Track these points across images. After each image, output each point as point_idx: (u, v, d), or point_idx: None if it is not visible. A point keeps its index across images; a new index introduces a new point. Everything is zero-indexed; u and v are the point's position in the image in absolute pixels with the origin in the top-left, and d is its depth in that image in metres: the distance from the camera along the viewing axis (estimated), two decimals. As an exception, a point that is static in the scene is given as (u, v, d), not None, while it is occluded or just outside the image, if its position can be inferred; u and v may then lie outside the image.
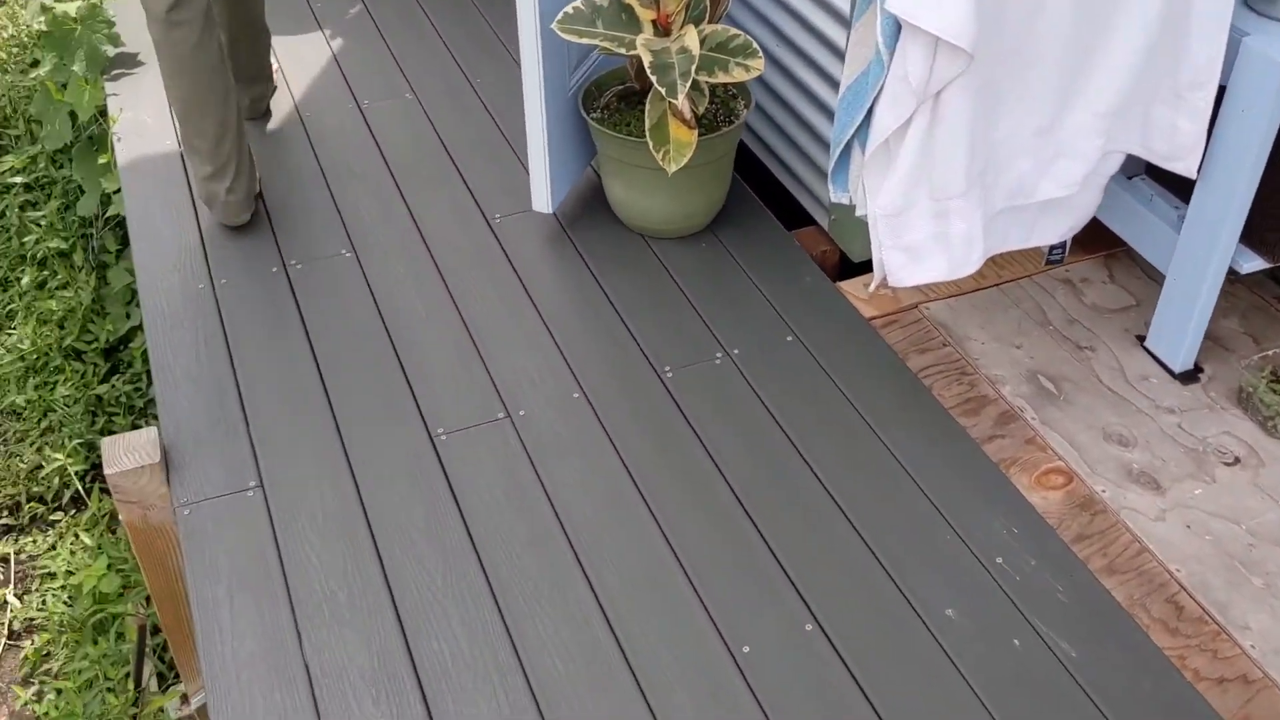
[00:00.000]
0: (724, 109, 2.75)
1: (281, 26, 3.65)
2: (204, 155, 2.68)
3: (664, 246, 2.78)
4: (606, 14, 2.47)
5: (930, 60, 1.99)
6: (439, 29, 3.65)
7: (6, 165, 3.80)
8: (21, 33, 4.40)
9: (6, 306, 3.69)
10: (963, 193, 2.17)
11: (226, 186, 2.72)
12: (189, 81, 2.59)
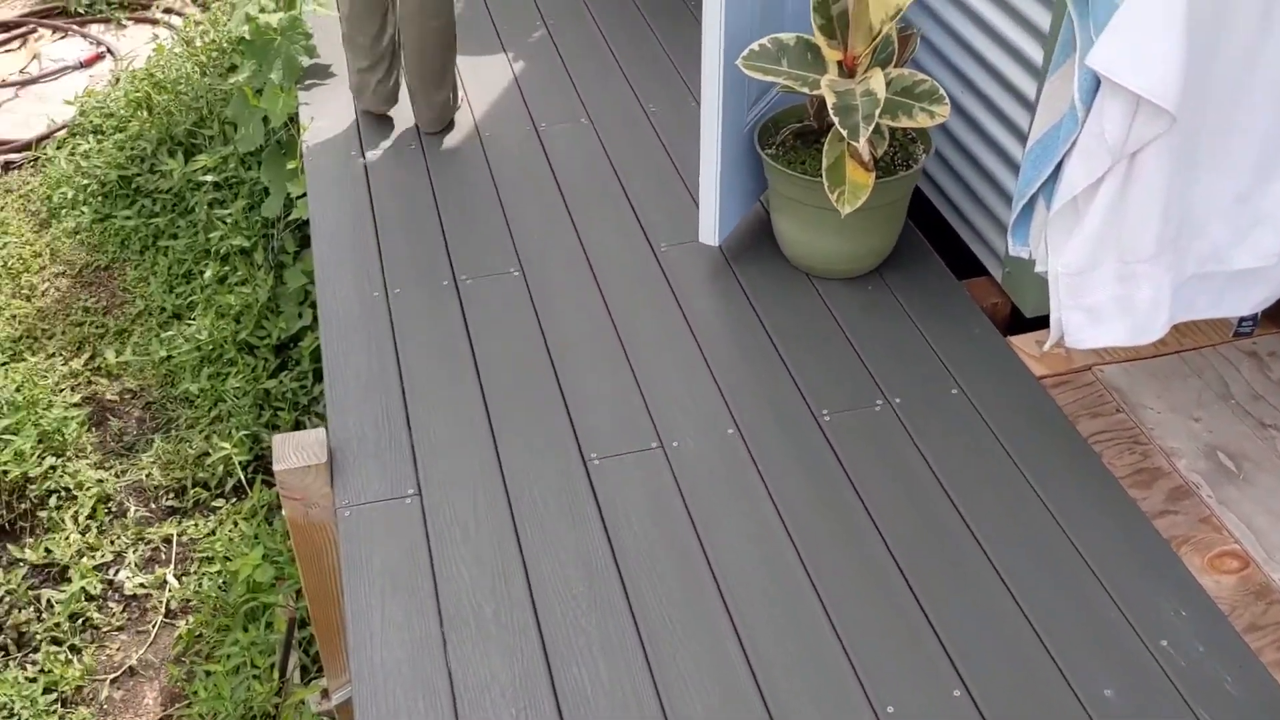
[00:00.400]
0: (902, 152, 2.72)
1: (468, 48, 3.75)
2: (362, 51, 3.19)
3: (829, 286, 2.76)
4: (792, 53, 2.47)
5: (1130, 119, 1.93)
6: (618, 57, 3.71)
7: (199, 164, 4.00)
8: (222, 38, 4.65)
9: (189, 298, 3.87)
10: (1152, 257, 2.09)
11: (378, 79, 3.23)
12: None
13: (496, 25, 3.90)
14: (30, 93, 4.81)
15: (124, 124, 4.41)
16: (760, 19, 2.65)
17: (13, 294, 3.97)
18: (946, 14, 2.80)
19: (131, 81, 4.57)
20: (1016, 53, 2.54)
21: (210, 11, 5.00)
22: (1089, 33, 1.97)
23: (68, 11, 5.18)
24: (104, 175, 4.21)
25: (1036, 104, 2.42)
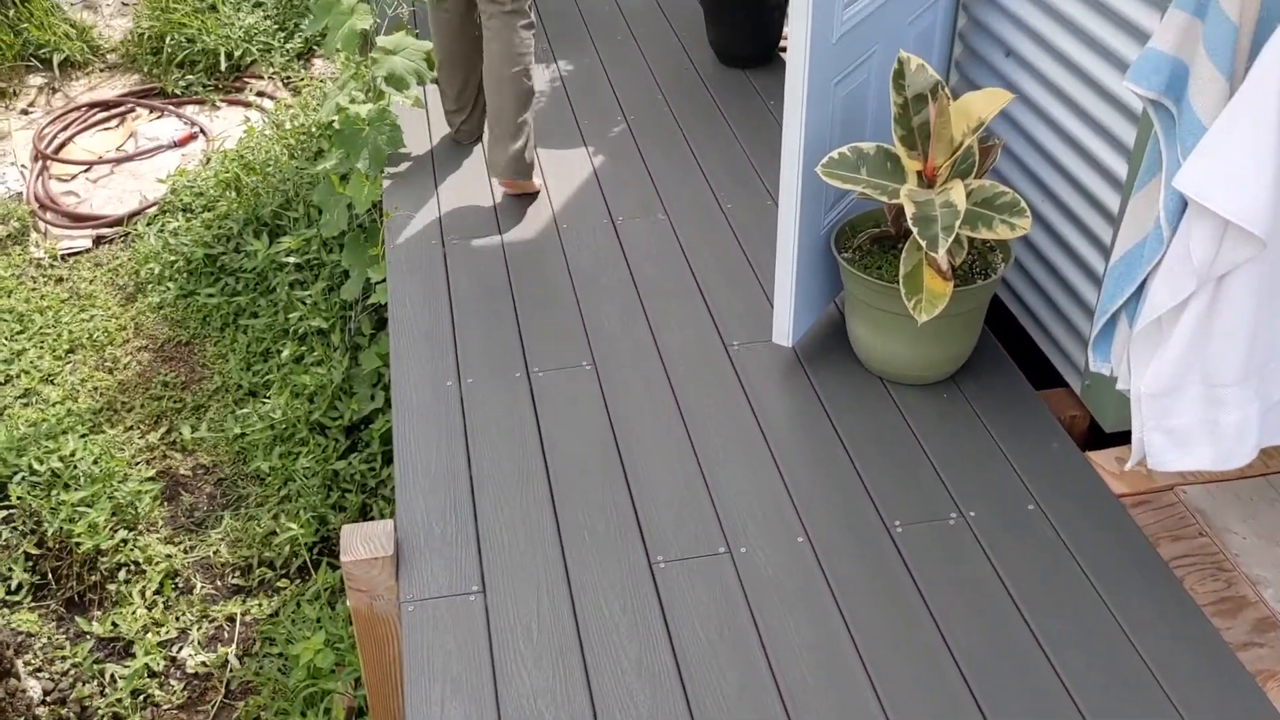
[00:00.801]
0: (981, 260, 2.70)
1: (550, 140, 3.83)
2: (448, 96, 3.74)
3: (903, 392, 2.74)
4: (872, 161, 2.48)
5: (1217, 243, 1.91)
6: (696, 153, 3.75)
7: (283, 245, 4.10)
8: (310, 122, 4.79)
9: (265, 376, 3.95)
10: (1239, 381, 2.05)
11: (462, 120, 3.76)
12: (444, 45, 3.61)
13: (578, 118, 3.98)
14: (125, 170, 4.99)
15: (213, 203, 4.55)
16: (840, 126, 2.67)
17: (96, 366, 4.08)
18: (1028, 124, 2.80)
19: (222, 162, 4.72)
20: (1100, 166, 2.53)
21: (300, 96, 5.17)
22: (1175, 154, 1.96)
23: (165, 92, 5.39)
24: (190, 253, 4.34)
25: (1119, 218, 2.41)
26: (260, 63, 5.49)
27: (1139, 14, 2.32)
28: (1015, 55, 2.83)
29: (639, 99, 4.09)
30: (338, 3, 3.59)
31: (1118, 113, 2.44)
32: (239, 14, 5.58)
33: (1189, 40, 1.90)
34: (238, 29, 5.49)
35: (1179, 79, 1.93)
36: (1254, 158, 1.82)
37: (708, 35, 4.33)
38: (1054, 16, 2.64)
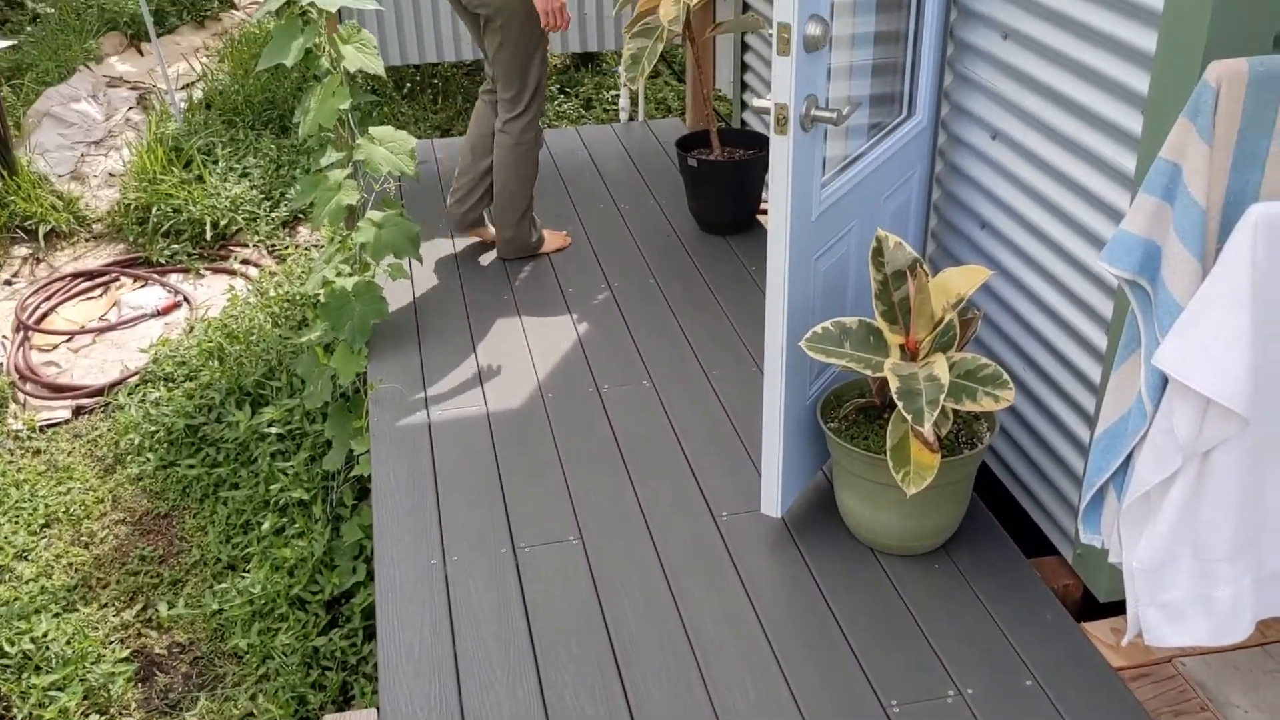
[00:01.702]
0: (966, 430, 2.74)
1: (534, 309, 3.90)
2: (456, 178, 4.19)
3: (895, 564, 2.74)
4: (855, 335, 2.54)
5: (1200, 419, 1.95)
6: (680, 320, 3.82)
7: (265, 416, 4.12)
8: (294, 290, 4.86)
9: (245, 549, 3.92)
10: (1230, 556, 2.07)
11: (453, 201, 4.18)
12: (470, 131, 4.16)
13: (562, 286, 4.06)
14: (108, 339, 5.03)
15: (195, 373, 4.58)
16: (822, 300, 2.74)
17: (72, 540, 4.04)
18: (1007, 294, 2.88)
19: (205, 331, 4.78)
20: (1079, 336, 2.59)
21: (285, 263, 5.26)
22: (1154, 331, 2.02)
23: (150, 261, 5.47)
24: (171, 423, 4.34)
25: (1101, 388, 2.46)
26: (246, 231, 5.60)
27: (1109, 192, 2.42)
28: (990, 227, 2.93)
29: (623, 266, 4.19)
30: (324, 178, 3.69)
31: (1094, 285, 2.51)
32: (225, 184, 5.72)
33: (1160, 223, 1.98)
34: (224, 199, 5.62)
35: (1152, 260, 2.00)
36: (1230, 338, 1.87)
37: (689, 204, 4.46)
38: (1026, 191, 2.74)
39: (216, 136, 6.10)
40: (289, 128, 6.32)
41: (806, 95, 2.39)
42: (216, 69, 7.09)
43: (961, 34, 2.95)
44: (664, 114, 6.49)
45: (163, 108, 6.48)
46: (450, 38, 5.07)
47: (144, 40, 7.63)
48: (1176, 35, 2.08)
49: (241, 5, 8.37)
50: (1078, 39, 2.46)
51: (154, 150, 5.86)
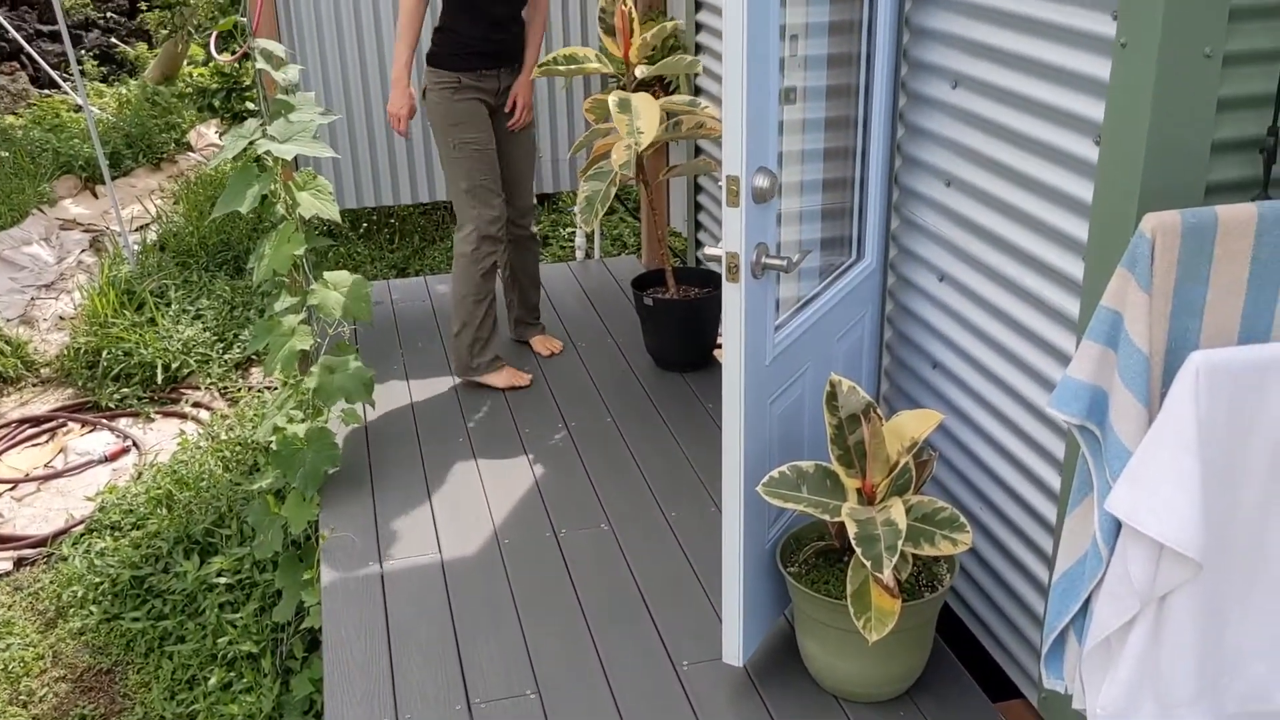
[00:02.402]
0: (927, 573, 2.75)
1: (490, 450, 3.90)
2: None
3: (860, 712, 2.71)
4: (811, 479, 2.56)
5: (1154, 564, 1.97)
6: (637, 459, 3.84)
7: (214, 566, 4.06)
8: (246, 434, 4.84)
9: (190, 706, 3.81)
10: (1192, 700, 2.07)
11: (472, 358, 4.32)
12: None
13: (519, 427, 4.07)
14: (53, 487, 4.96)
15: (142, 521, 4.51)
16: (779, 443, 2.76)
17: (10, 700, 3.92)
18: (962, 434, 2.92)
19: (154, 477, 4.72)
20: (1034, 477, 2.62)
21: (237, 407, 5.24)
22: (1105, 476, 2.05)
23: (99, 406, 5.43)
24: (116, 574, 4.26)
25: (1058, 529, 2.49)
26: (198, 373, 5.58)
27: (1055, 335, 2.48)
28: (941, 367, 2.98)
29: (580, 405, 4.21)
30: (278, 324, 3.71)
31: (1046, 426, 2.56)
32: (178, 326, 5.72)
33: (1105, 369, 2.03)
34: (176, 341, 5.62)
35: (1099, 405, 2.05)
36: (1180, 483, 1.91)
37: (645, 342, 4.51)
38: (975, 332, 2.80)
39: (170, 278, 6.13)
40: (244, 268, 6.36)
41: (757, 244, 2.46)
42: (171, 211, 7.16)
43: (906, 180, 3.05)
44: (620, 250, 6.60)
45: (116, 250, 6.51)
46: (406, 180, 5.16)
47: (98, 183, 7.71)
48: (1112, 187, 2.17)
49: (198, 147, 8.50)
50: (1018, 187, 2.56)
51: (106, 293, 5.87)
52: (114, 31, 10.72)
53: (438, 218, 7.05)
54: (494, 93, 4.21)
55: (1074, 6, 2.29)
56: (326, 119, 3.80)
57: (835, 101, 3.06)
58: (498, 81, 4.20)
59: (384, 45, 4.88)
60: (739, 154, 2.35)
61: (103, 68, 10.11)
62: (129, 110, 8.75)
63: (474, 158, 4.14)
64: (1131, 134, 2.09)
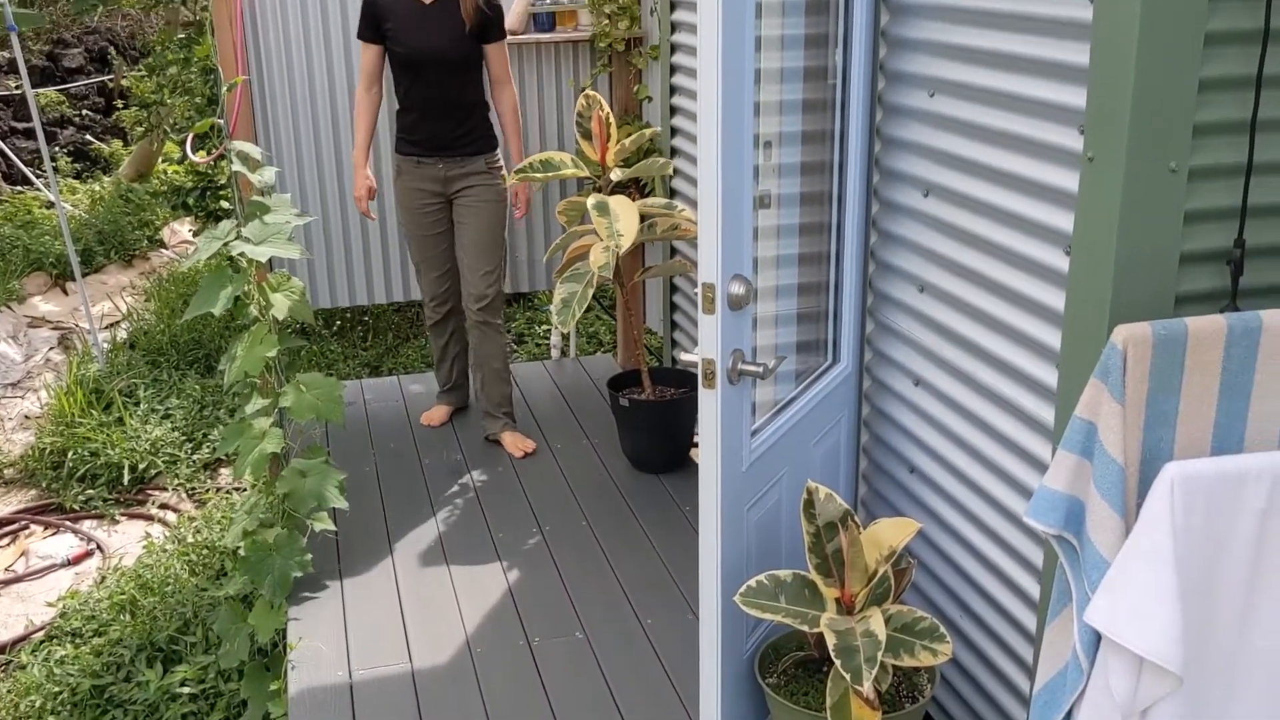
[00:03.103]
0: (907, 682, 2.73)
1: (462, 555, 3.88)
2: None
3: (840, 828, 2.67)
4: (789, 589, 2.56)
5: (1135, 677, 1.97)
6: (613, 564, 3.82)
7: (178, 676, 3.98)
8: (214, 537, 4.79)
9: (149, 823, 3.71)
10: (1179, 816, 2.05)
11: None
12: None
13: (492, 531, 4.05)
14: (13, 591, 4.88)
15: (104, 628, 4.43)
16: (756, 551, 2.76)
17: (-41, 818, 3.81)
18: (940, 541, 2.93)
19: (117, 582, 4.65)
20: (1013, 585, 2.63)
21: (205, 509, 5.19)
22: (1083, 587, 2.06)
23: (62, 507, 5.37)
24: (76, 684, 4.17)
25: (1038, 638, 2.48)
26: (165, 474, 5.54)
27: (1031, 442, 2.51)
28: (919, 471, 3.00)
29: (555, 508, 4.19)
30: (249, 426, 3.70)
31: (1024, 534, 2.57)
32: (146, 426, 5.69)
33: (1080, 479, 2.05)
34: (144, 441, 5.58)
35: (1076, 515, 2.06)
36: (1158, 596, 1.92)
37: (621, 443, 4.52)
38: (951, 438, 2.83)
39: (139, 377, 6.11)
40: (215, 367, 6.35)
41: (733, 350, 2.49)
42: (142, 308, 7.16)
43: (880, 285, 3.10)
44: (596, 348, 6.64)
45: (85, 348, 6.50)
46: (381, 280, 5.20)
47: (69, 279, 7.72)
48: (1083, 297, 2.21)
49: (171, 244, 8.54)
50: (990, 294, 2.60)
51: (73, 392, 5.84)
52: (89, 128, 10.83)
53: (411, 315, 7.08)
54: (436, 180, 4.46)
55: (1041, 120, 2.36)
56: (301, 220, 3.84)
57: (809, 207, 3.12)
58: (439, 170, 4.44)
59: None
60: (714, 262, 2.39)
61: (77, 164, 10.18)
62: (102, 207, 8.80)
63: (408, 239, 4.63)
64: (1101, 246, 2.14)
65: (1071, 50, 2.25)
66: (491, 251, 4.50)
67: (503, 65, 4.41)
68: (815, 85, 3.03)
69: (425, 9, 4.27)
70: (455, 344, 4.84)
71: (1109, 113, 2.09)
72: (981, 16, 2.54)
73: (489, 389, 4.68)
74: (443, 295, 4.69)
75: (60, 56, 11.49)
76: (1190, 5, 2.01)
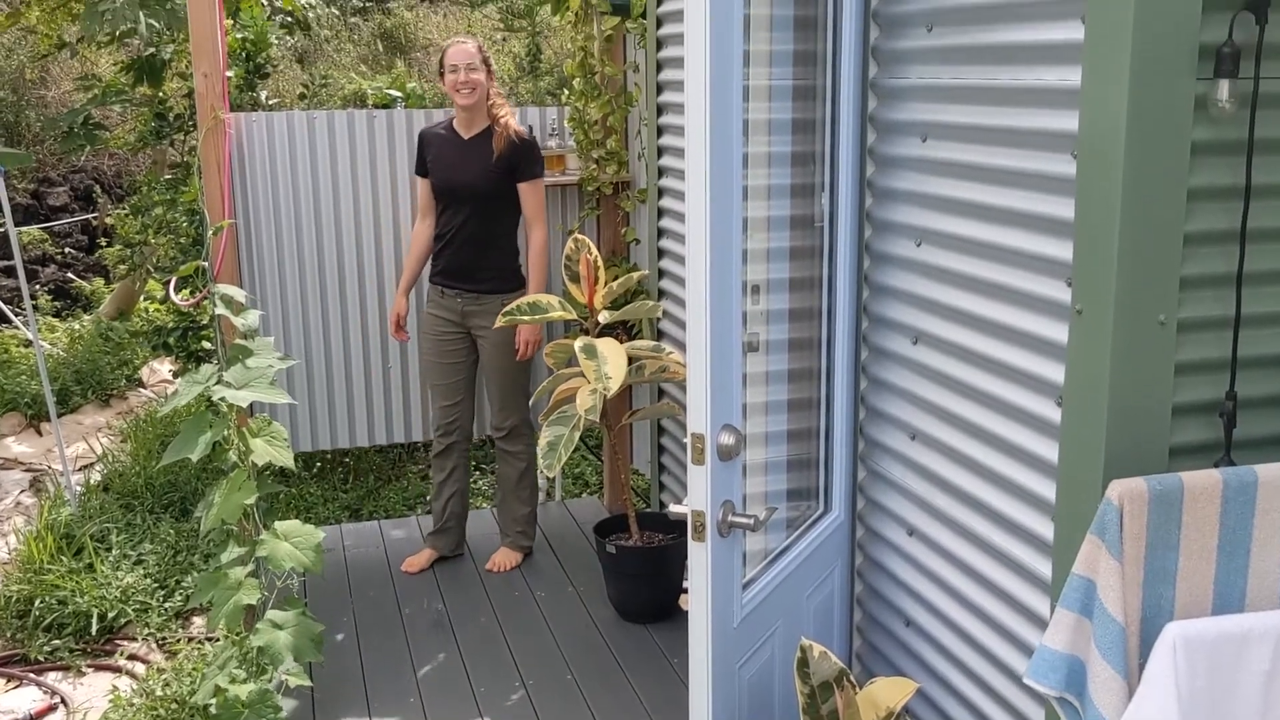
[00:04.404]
0: None
1: (441, 711, 3.79)
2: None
3: None
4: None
5: None
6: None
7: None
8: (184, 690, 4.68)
9: None
10: None
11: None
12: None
13: (473, 684, 3.97)
14: (-30, 749, 4.75)
15: (65, 789, 4.30)
16: (749, 713, 2.72)
17: None
18: (938, 698, 2.88)
19: (81, 740, 4.53)
20: None
21: (176, 659, 5.09)
22: (1087, 750, 2.02)
23: (27, 659, 5.26)
24: None
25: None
26: (136, 623, 5.44)
27: (1029, 596, 2.49)
28: (915, 625, 2.97)
29: (539, 661, 4.12)
30: (224, 576, 3.66)
31: (1024, 693, 2.53)
32: (118, 573, 5.61)
33: (1081, 638, 2.04)
34: (114, 589, 5.49)
35: (1078, 676, 2.04)
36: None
37: (608, 591, 4.47)
38: (946, 590, 2.81)
39: (112, 521, 6.05)
40: (191, 510, 6.30)
41: (723, 501, 2.48)
42: (118, 449, 7.13)
43: (871, 431, 3.12)
44: (581, 489, 6.61)
45: (57, 491, 6.45)
46: (364, 424, 5.20)
47: (45, 420, 7.70)
48: (1076, 449, 2.22)
49: (150, 383, 8.55)
50: (983, 444, 2.62)
51: (43, 537, 5.77)
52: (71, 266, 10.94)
53: (394, 456, 7.06)
54: (455, 313, 4.66)
55: (1031, 274, 2.41)
56: (284, 364, 3.86)
57: (798, 352, 3.16)
58: (458, 304, 4.62)
59: (346, 288, 5.00)
60: (704, 412, 2.40)
61: (57, 302, 10.25)
62: (81, 345, 8.82)
63: (423, 364, 4.86)
64: (1092, 398, 2.16)
65: (1057, 204, 2.31)
66: (510, 390, 4.72)
67: (534, 205, 4.57)
68: (803, 232, 3.09)
69: (464, 142, 4.55)
70: (454, 482, 4.86)
71: (1096, 266, 2.14)
72: (966, 170, 2.62)
73: (502, 507, 4.95)
74: (448, 425, 4.77)
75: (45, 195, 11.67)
76: (1173, 162, 2.08)
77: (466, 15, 15.83)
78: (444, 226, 4.61)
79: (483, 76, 4.47)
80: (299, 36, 11.95)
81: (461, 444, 4.81)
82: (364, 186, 4.93)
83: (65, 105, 11.69)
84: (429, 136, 4.65)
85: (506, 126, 4.48)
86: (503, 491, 4.90)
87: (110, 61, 11.19)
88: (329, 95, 11.45)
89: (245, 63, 6.83)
